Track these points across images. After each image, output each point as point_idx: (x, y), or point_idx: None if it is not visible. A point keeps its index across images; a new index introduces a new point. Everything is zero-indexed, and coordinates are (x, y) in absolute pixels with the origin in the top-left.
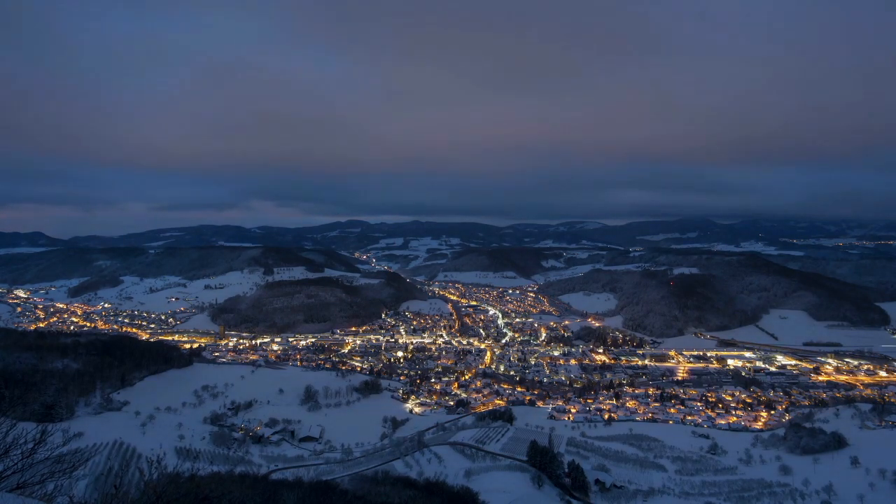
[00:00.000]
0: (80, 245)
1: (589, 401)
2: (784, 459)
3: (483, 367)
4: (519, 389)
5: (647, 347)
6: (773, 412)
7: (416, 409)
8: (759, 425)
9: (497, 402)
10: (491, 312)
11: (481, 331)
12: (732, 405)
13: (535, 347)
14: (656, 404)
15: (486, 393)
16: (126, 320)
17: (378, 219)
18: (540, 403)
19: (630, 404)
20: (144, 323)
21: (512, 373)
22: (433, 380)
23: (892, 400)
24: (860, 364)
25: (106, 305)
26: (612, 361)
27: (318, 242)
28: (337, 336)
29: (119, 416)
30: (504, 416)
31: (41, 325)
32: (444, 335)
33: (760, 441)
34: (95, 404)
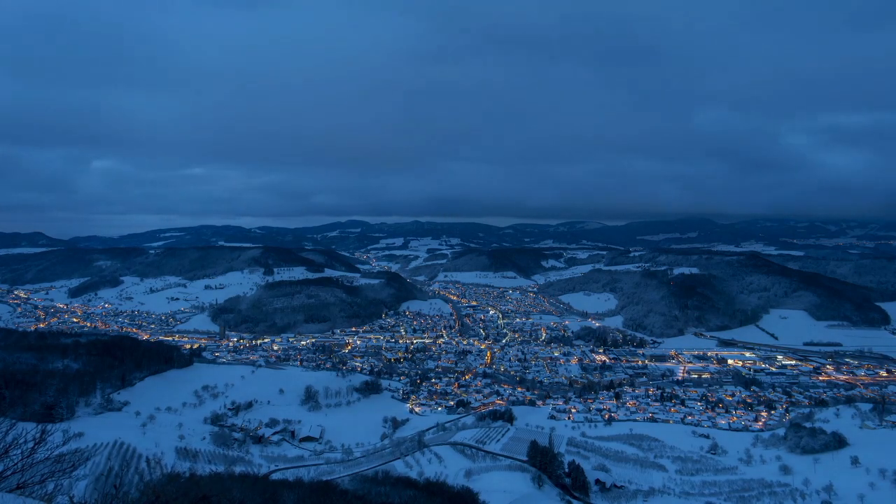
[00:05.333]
0: (80, 245)
1: (589, 401)
2: (784, 459)
3: (483, 367)
4: (519, 389)
5: (648, 347)
6: (773, 412)
7: (417, 410)
8: (759, 425)
9: (497, 402)
10: (491, 312)
11: (481, 331)
12: (733, 405)
13: (536, 347)
14: (656, 404)
15: (486, 393)
16: (126, 320)
17: (378, 219)
18: (540, 403)
19: (630, 404)
20: (144, 323)
21: (512, 373)
22: (433, 380)
23: (892, 400)
24: (860, 364)
25: (106, 306)
26: (613, 361)
27: (318, 243)
28: (337, 336)
29: (119, 416)
30: (504, 417)
31: (41, 325)
32: (445, 335)
33: (761, 441)
34: (96, 404)
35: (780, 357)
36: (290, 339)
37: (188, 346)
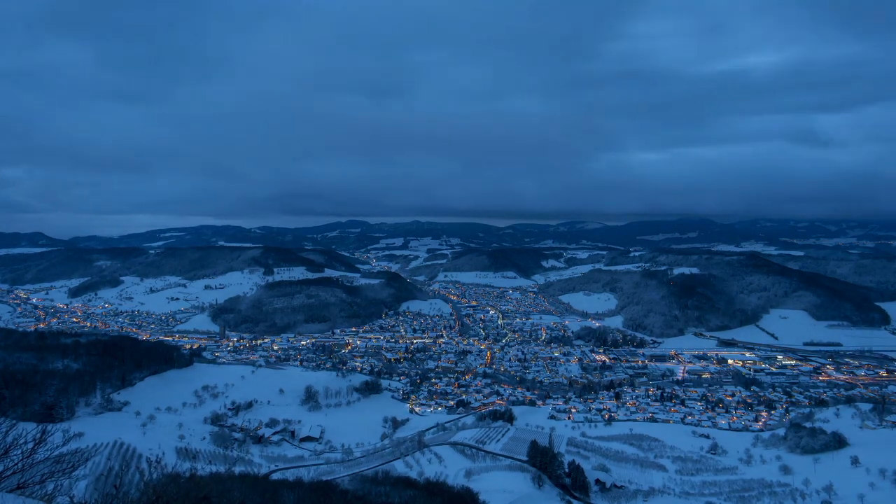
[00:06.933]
0: (80, 245)
1: (589, 401)
2: (784, 459)
3: (483, 367)
4: (519, 389)
5: (648, 347)
6: (773, 412)
7: (417, 409)
8: (759, 425)
9: (497, 402)
10: (491, 312)
11: (481, 331)
12: (733, 405)
13: (536, 347)
14: (656, 404)
15: (486, 393)
16: (126, 321)
17: (378, 219)
18: (540, 403)
19: (630, 404)
20: (145, 323)
21: (512, 373)
22: (433, 380)
23: (892, 400)
24: (860, 364)
25: (106, 306)
26: (613, 361)
27: (318, 242)
28: (337, 336)
29: (119, 416)
30: (504, 416)
31: (41, 325)
32: (445, 335)
33: (761, 441)
34: (96, 404)
35: (780, 357)
36: (290, 339)
37: (188, 346)
